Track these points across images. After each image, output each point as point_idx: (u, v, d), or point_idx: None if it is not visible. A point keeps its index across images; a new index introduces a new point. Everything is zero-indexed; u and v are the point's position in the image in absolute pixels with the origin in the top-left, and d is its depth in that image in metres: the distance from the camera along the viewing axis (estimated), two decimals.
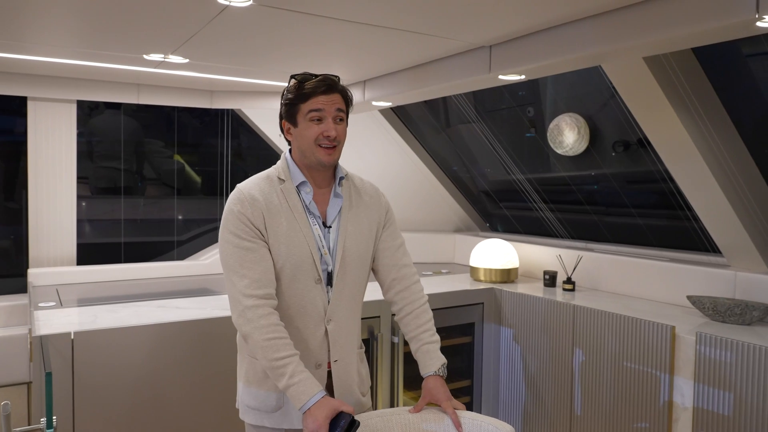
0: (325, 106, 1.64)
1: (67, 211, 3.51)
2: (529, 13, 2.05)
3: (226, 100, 3.76)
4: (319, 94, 1.64)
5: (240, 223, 1.63)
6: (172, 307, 2.62)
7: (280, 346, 1.57)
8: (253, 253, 1.61)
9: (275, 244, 1.64)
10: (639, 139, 2.99)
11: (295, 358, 1.57)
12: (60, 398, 2.13)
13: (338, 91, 1.68)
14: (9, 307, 3.40)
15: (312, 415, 1.52)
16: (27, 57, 2.85)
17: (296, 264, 1.65)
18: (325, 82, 1.66)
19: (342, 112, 1.69)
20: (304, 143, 1.67)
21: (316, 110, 1.64)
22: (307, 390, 1.54)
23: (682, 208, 2.95)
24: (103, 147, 4.33)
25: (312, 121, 1.65)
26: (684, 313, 2.71)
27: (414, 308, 1.83)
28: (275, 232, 1.64)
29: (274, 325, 1.59)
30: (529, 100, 3.60)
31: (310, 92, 1.64)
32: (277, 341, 1.57)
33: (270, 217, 1.65)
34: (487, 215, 4.44)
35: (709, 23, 1.74)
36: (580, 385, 2.77)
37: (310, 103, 1.64)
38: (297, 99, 1.66)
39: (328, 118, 1.65)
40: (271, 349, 1.56)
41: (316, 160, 1.67)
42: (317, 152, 1.66)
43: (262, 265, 1.62)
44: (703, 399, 2.30)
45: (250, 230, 1.62)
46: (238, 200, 1.65)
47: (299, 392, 1.54)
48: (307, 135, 1.65)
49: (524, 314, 3.08)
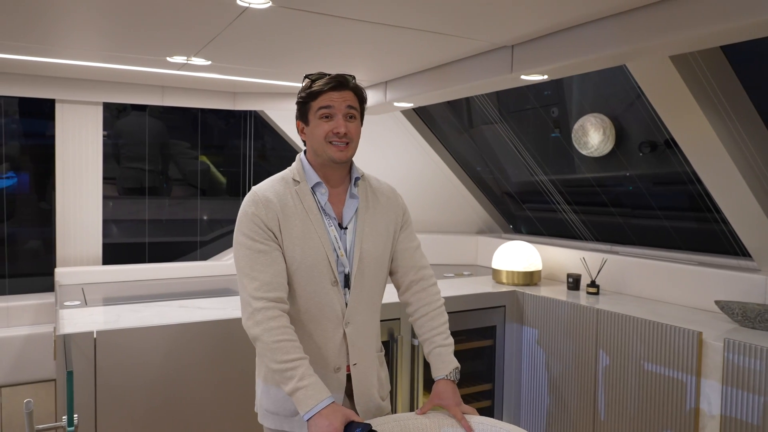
0: (335, 103, 1.64)
1: (94, 212, 3.58)
2: (551, 12, 2.01)
3: (248, 102, 3.79)
4: (329, 91, 1.64)
5: (253, 225, 1.63)
6: (193, 307, 2.64)
7: (289, 349, 1.55)
8: (265, 256, 1.61)
9: (290, 246, 1.63)
10: (666, 139, 2.92)
11: (304, 361, 1.55)
12: (82, 397, 2.16)
13: (349, 89, 1.67)
14: (37, 306, 3.47)
15: (325, 418, 1.48)
16: (55, 60, 2.91)
17: (311, 266, 1.64)
18: (335, 79, 1.65)
19: (353, 110, 1.67)
20: (315, 141, 1.67)
21: (326, 107, 1.64)
22: (315, 395, 1.51)
23: (710, 211, 2.87)
24: (129, 148, 4.40)
25: (322, 118, 1.65)
26: (712, 318, 2.64)
27: (429, 310, 1.81)
28: (290, 233, 1.64)
29: (283, 327, 1.57)
30: (554, 100, 3.55)
31: (319, 89, 1.64)
32: (285, 343, 1.55)
33: (285, 219, 1.64)
34: (511, 217, 4.39)
35: (738, 20, 1.68)
36: (604, 391, 2.72)
37: (320, 100, 1.64)
38: (308, 97, 1.67)
39: (338, 115, 1.64)
40: (279, 351, 1.54)
41: (327, 158, 1.66)
42: (328, 149, 1.65)
43: (274, 268, 1.61)
44: (731, 407, 2.24)
45: (263, 232, 1.62)
46: (252, 202, 1.65)
47: (307, 396, 1.51)
48: (318, 132, 1.65)
49: (547, 318, 3.04)
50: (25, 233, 4.07)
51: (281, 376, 1.54)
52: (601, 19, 2.05)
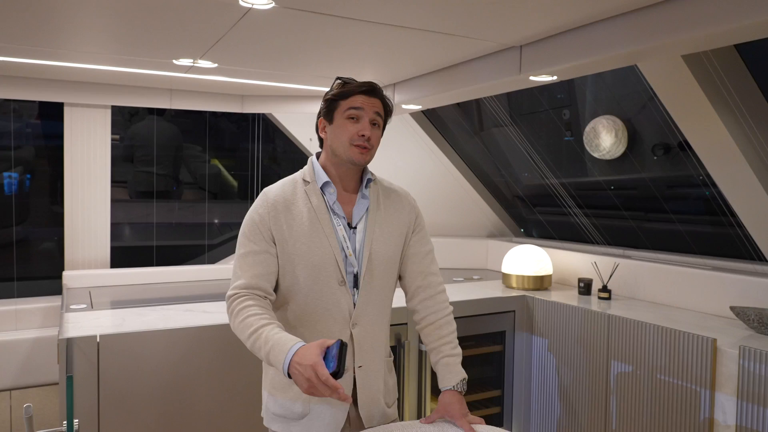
0: (365, 106, 1.65)
1: (102, 215, 3.58)
2: (560, 11, 1.98)
3: (256, 105, 3.78)
4: (361, 94, 1.66)
5: (253, 226, 1.65)
6: (199, 311, 2.62)
7: (251, 323, 1.52)
8: (255, 256, 1.63)
9: (296, 245, 1.62)
10: (680, 142, 2.87)
11: (266, 327, 1.49)
12: (85, 401, 2.15)
13: (379, 97, 1.69)
14: (45, 309, 3.48)
15: (297, 364, 1.37)
16: (63, 63, 2.92)
17: (317, 264, 1.62)
18: (369, 84, 1.68)
19: (379, 117, 1.69)
20: (337, 141, 1.66)
21: (355, 108, 1.65)
22: (281, 348, 1.42)
23: (725, 214, 2.81)
24: (142, 152, 4.42)
25: (349, 119, 1.65)
26: (727, 324, 2.57)
27: (437, 318, 1.77)
28: (296, 232, 1.63)
29: (247, 307, 1.55)
30: (565, 102, 3.50)
31: (352, 90, 1.66)
32: (248, 319, 1.53)
33: (291, 219, 1.64)
34: (521, 221, 4.34)
35: (752, 18, 1.63)
36: (615, 398, 2.66)
37: (351, 101, 1.65)
38: (339, 96, 1.67)
39: (365, 119, 1.65)
40: (244, 330, 1.52)
41: (347, 158, 1.65)
42: (350, 150, 1.64)
43: (259, 268, 1.62)
44: (747, 417, 2.17)
45: (260, 234, 1.64)
46: (261, 204, 1.67)
47: (276, 354, 1.42)
48: (342, 133, 1.65)
49: (557, 323, 2.98)
50: (38, 236, 4.09)
51: (254, 349, 1.51)
52: (611, 18, 2.01)
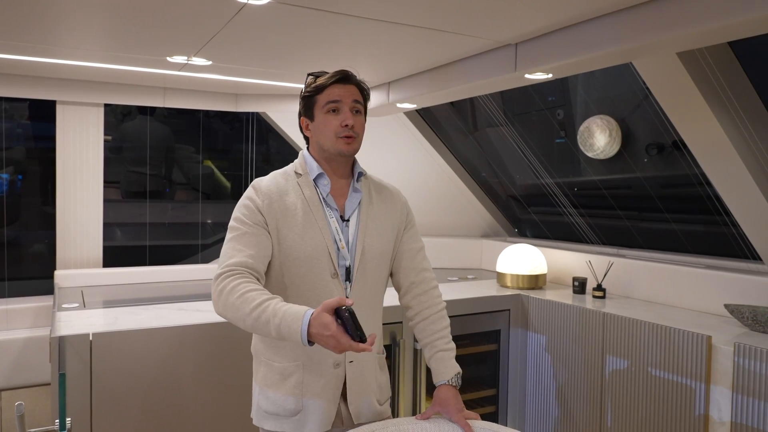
0: (342, 96, 1.63)
1: (94, 214, 3.55)
2: (555, 8, 1.97)
3: (250, 104, 3.76)
4: (335, 84, 1.64)
5: (246, 210, 1.62)
6: (192, 309, 2.60)
7: (255, 296, 1.45)
8: (248, 237, 1.58)
9: (289, 236, 1.61)
10: (674, 141, 2.87)
11: (271, 300, 1.44)
12: (77, 400, 2.13)
13: (354, 83, 1.67)
14: (36, 308, 3.45)
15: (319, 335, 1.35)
16: (55, 60, 2.89)
17: (310, 256, 1.61)
18: (341, 72, 1.66)
19: (359, 104, 1.67)
20: (323, 136, 1.65)
21: (333, 101, 1.63)
22: (295, 320, 1.38)
23: (720, 213, 2.82)
24: (134, 152, 4.39)
25: (329, 112, 1.64)
26: (721, 322, 2.58)
27: (430, 314, 1.77)
28: (289, 224, 1.62)
29: (245, 282, 1.49)
30: (559, 102, 3.51)
31: (325, 83, 1.64)
32: (251, 293, 1.46)
33: (284, 209, 1.63)
34: (516, 220, 4.34)
35: (747, 14, 1.64)
36: (610, 396, 2.66)
37: (327, 94, 1.64)
38: (314, 91, 1.66)
39: (345, 108, 1.64)
40: (245, 303, 1.44)
41: (336, 151, 1.64)
42: (337, 143, 1.63)
43: (256, 249, 1.58)
44: (742, 413, 2.17)
45: (253, 216, 1.61)
46: (254, 192, 1.65)
47: (289, 324, 1.38)
48: (326, 127, 1.64)
49: (552, 321, 2.98)
50: (29, 236, 4.05)
51: (259, 327, 1.43)
52: (606, 15, 2.01)
